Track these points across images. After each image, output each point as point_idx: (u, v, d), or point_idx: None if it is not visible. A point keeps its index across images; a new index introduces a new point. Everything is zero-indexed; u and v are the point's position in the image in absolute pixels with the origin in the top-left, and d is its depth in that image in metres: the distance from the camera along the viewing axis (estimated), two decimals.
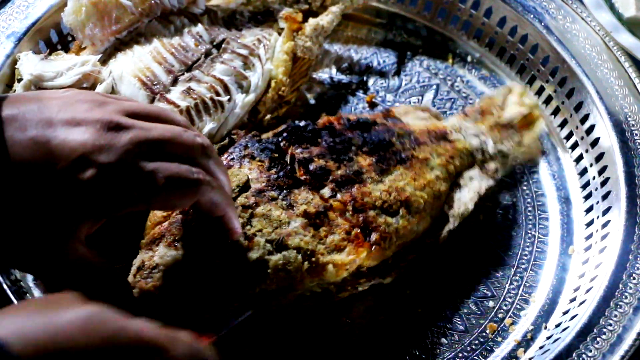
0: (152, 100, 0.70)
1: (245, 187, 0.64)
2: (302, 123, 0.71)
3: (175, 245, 0.61)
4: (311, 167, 0.67)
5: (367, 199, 0.66)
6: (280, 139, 0.70)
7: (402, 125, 0.74)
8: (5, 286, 0.64)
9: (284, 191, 0.65)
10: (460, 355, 0.69)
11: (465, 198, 0.73)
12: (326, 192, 0.66)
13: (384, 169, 0.69)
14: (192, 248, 0.61)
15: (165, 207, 0.57)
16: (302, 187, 0.66)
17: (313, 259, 0.62)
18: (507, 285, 0.73)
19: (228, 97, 0.72)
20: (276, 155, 0.68)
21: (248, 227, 0.62)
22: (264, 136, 0.71)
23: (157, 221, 0.63)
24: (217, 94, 0.72)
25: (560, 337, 0.66)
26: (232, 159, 0.67)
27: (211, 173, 0.57)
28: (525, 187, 0.79)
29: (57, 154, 0.51)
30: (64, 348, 0.44)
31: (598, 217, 0.75)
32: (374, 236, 0.65)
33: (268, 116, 0.76)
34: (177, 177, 0.54)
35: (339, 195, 0.66)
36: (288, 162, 0.68)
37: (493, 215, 0.77)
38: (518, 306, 0.72)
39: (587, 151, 0.79)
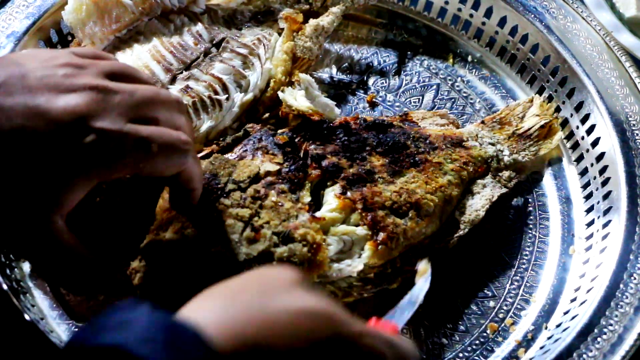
0: None
1: (256, 178, 0.65)
2: (318, 120, 0.72)
3: (183, 232, 0.61)
4: (324, 163, 0.68)
5: (377, 199, 0.66)
6: (294, 135, 0.70)
7: (418, 129, 0.74)
8: (5, 286, 0.64)
9: (295, 185, 0.65)
10: (460, 355, 0.69)
11: (477, 205, 0.73)
12: (337, 189, 0.67)
13: (397, 171, 0.69)
14: (199, 237, 0.61)
15: (153, 172, 0.55)
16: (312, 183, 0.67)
17: (319, 253, 0.62)
18: (508, 285, 0.73)
19: (226, 95, 0.72)
20: (289, 149, 0.68)
21: (256, 218, 0.62)
22: (279, 131, 0.71)
23: (167, 207, 0.63)
24: (216, 93, 0.72)
25: (560, 337, 0.66)
26: (246, 150, 0.68)
27: (188, 134, 0.57)
28: (526, 187, 0.79)
29: (49, 119, 0.50)
30: (275, 346, 0.39)
31: (599, 217, 0.75)
32: (381, 235, 0.65)
33: (266, 115, 0.76)
34: (170, 145, 0.54)
35: (349, 193, 0.66)
36: (301, 156, 0.68)
37: (494, 215, 0.77)
38: (519, 306, 0.72)
39: (587, 151, 0.79)
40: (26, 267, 0.69)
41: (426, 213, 0.68)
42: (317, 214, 0.65)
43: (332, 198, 0.66)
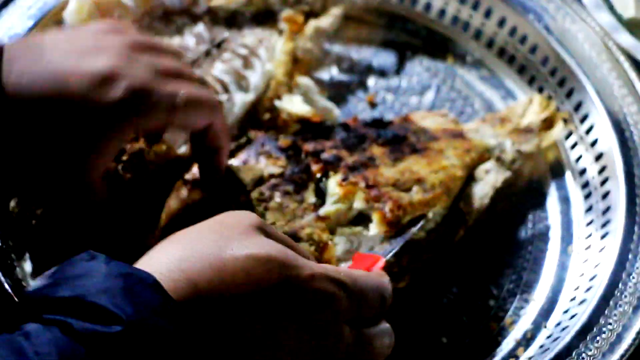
0: None
1: (260, 181, 0.65)
2: (318, 122, 0.72)
3: None
4: (323, 156, 0.68)
5: (379, 178, 0.67)
6: (296, 138, 0.70)
7: (417, 124, 0.75)
8: (6, 286, 0.64)
9: (299, 186, 0.66)
10: (460, 354, 0.69)
11: (481, 193, 0.73)
12: (339, 177, 0.67)
13: (398, 157, 0.70)
14: None
15: (185, 124, 0.58)
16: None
17: (325, 252, 0.62)
18: (507, 284, 0.73)
19: (227, 96, 0.72)
20: (292, 152, 0.69)
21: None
22: (282, 136, 0.71)
23: (172, 212, 0.63)
24: (216, 93, 0.72)
25: (560, 336, 0.66)
26: (249, 155, 0.68)
27: None
28: (524, 187, 0.79)
29: (79, 78, 0.53)
30: (227, 292, 0.41)
31: (598, 217, 0.75)
32: (387, 205, 0.65)
33: (267, 116, 0.76)
34: (197, 97, 0.57)
35: (350, 177, 0.66)
36: (304, 158, 0.69)
37: (492, 214, 0.77)
38: (518, 305, 0.72)
39: (586, 151, 0.79)
40: (28, 266, 0.69)
41: (432, 187, 0.68)
42: (321, 211, 0.65)
43: (334, 188, 0.67)
